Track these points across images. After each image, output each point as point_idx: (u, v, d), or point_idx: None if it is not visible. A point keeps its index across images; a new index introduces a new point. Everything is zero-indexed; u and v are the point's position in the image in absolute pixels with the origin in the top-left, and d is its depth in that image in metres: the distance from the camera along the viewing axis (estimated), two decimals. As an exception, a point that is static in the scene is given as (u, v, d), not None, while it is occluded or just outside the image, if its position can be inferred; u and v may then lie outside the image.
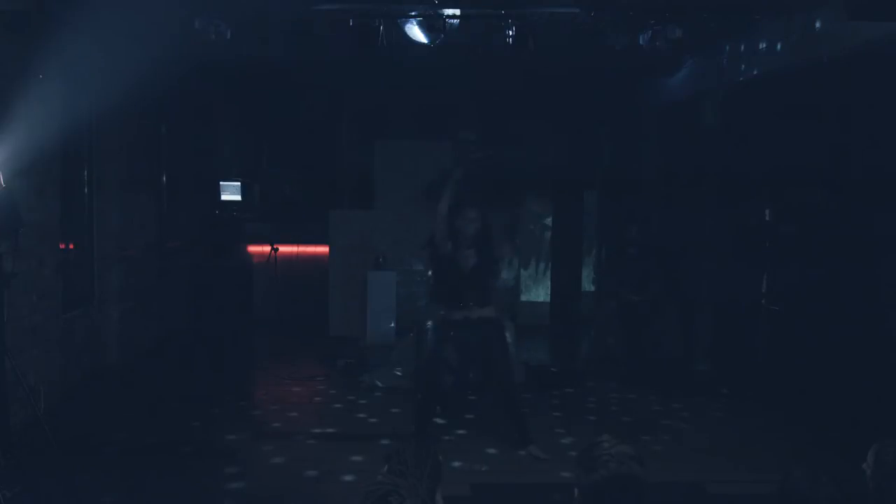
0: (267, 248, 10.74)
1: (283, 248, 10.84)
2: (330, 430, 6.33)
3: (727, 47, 7.88)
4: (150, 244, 8.86)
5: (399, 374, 7.62)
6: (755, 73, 7.48)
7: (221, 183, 11.28)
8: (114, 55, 7.51)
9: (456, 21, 7.06)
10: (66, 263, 6.88)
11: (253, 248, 11.17)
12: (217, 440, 5.96)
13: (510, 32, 6.85)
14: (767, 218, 8.56)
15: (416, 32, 6.84)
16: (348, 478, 5.16)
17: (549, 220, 11.48)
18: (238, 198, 11.33)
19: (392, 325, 9.52)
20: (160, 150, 9.31)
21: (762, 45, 7.20)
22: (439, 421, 6.56)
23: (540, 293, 11.22)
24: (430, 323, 7.70)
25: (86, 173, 7.74)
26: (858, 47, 6.10)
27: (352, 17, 6.97)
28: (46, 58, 6.26)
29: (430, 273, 6.02)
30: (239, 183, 11.41)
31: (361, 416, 6.78)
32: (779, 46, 6.96)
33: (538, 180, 11.23)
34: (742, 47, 7.61)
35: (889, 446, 2.83)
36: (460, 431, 6.32)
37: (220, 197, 11.26)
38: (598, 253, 11.59)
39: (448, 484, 5.03)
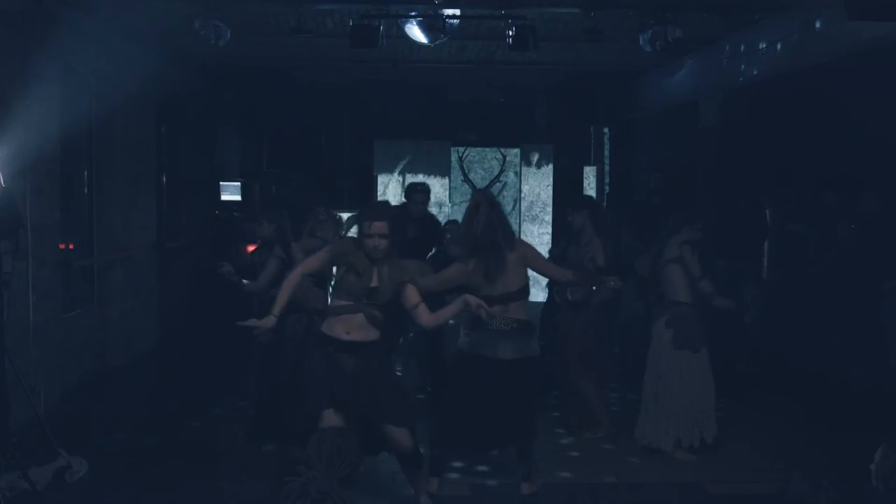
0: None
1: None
2: (330, 431, 6.31)
3: (727, 47, 7.89)
4: (150, 244, 8.86)
5: (399, 373, 7.62)
6: (755, 73, 7.49)
7: (221, 183, 11.28)
8: (114, 55, 7.51)
9: (456, 21, 7.07)
10: (66, 263, 6.87)
11: (253, 248, 11.15)
12: (217, 440, 5.96)
13: (510, 32, 6.85)
14: (768, 218, 8.55)
15: (416, 32, 6.83)
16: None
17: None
18: (238, 198, 11.33)
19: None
20: (160, 150, 9.30)
21: (762, 45, 7.20)
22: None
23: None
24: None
25: (86, 173, 7.73)
26: (858, 47, 6.10)
27: (352, 17, 6.97)
28: (46, 57, 6.26)
29: None
30: (239, 183, 11.40)
31: (361, 416, 6.76)
32: (779, 46, 6.97)
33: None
34: (742, 47, 7.62)
35: (896, 447, 2.83)
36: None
37: (220, 197, 11.26)
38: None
39: (448, 484, 5.06)
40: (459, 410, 4.78)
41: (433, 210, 10.68)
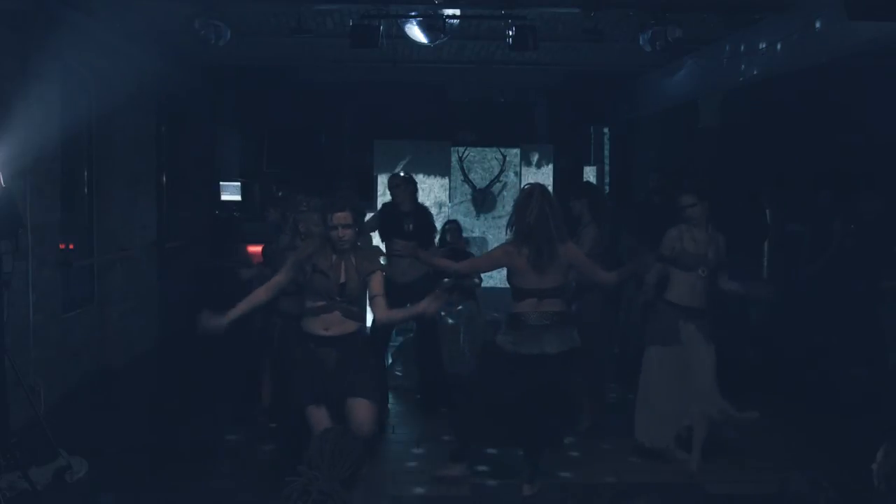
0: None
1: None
2: (330, 430, 6.30)
3: (727, 47, 7.88)
4: (150, 244, 8.86)
5: (399, 374, 7.61)
6: (755, 73, 7.49)
7: (221, 183, 11.28)
8: (114, 55, 7.51)
9: (456, 21, 7.07)
10: (66, 263, 6.88)
11: (253, 248, 11.15)
12: (217, 440, 5.96)
13: (510, 32, 6.85)
14: (768, 218, 8.55)
15: (416, 32, 6.83)
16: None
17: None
18: (238, 198, 11.32)
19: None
20: (160, 150, 9.30)
21: (762, 45, 7.20)
22: (440, 421, 6.55)
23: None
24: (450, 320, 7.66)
25: (86, 173, 7.74)
26: (858, 47, 6.10)
27: (352, 17, 6.98)
28: (46, 57, 6.26)
29: None
30: (239, 183, 11.40)
31: (361, 416, 6.75)
32: (779, 46, 6.96)
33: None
34: (742, 47, 7.61)
35: (898, 445, 2.83)
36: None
37: (220, 197, 11.25)
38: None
39: (448, 484, 5.06)
40: (499, 408, 4.79)
41: (433, 210, 10.73)
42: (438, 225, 8.66)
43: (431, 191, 10.84)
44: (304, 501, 2.50)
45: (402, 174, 7.07)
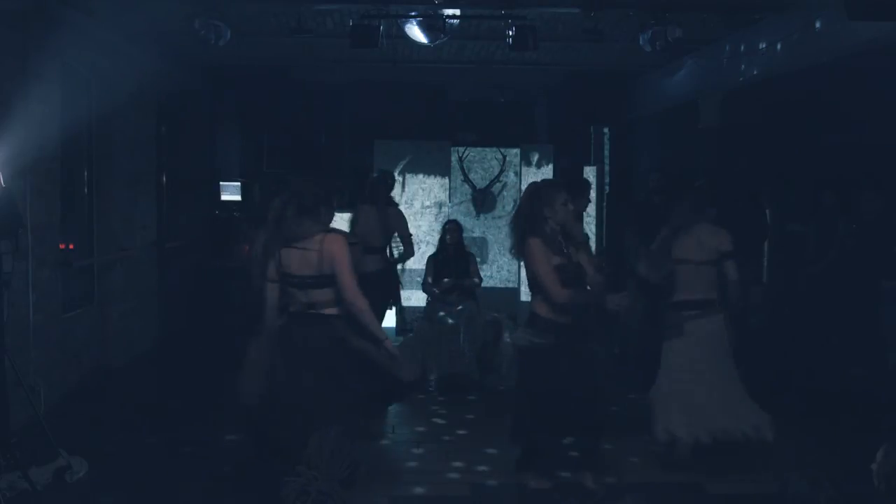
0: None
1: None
2: (330, 431, 6.30)
3: (727, 47, 7.89)
4: (150, 244, 8.86)
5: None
6: (755, 73, 7.49)
7: (221, 183, 11.28)
8: (114, 55, 7.51)
9: (456, 21, 7.07)
10: (66, 263, 6.88)
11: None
12: (217, 440, 5.96)
13: (510, 32, 6.85)
14: (768, 218, 8.54)
15: (416, 32, 6.84)
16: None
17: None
18: (238, 198, 11.33)
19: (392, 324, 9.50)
20: (160, 150, 9.31)
21: (762, 45, 7.20)
22: (440, 421, 6.56)
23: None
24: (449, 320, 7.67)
25: (86, 173, 7.74)
26: (858, 47, 6.10)
27: (352, 17, 6.98)
28: (46, 57, 6.26)
29: None
30: (239, 183, 11.40)
31: (361, 416, 6.76)
32: (779, 46, 6.97)
33: None
34: (742, 47, 7.62)
35: (898, 446, 2.83)
36: (461, 431, 6.32)
37: (220, 197, 11.26)
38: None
39: (448, 484, 5.06)
40: None
41: (433, 210, 10.75)
42: (438, 225, 8.68)
43: (431, 191, 10.84)
44: (304, 501, 2.50)
45: (375, 175, 7.16)
